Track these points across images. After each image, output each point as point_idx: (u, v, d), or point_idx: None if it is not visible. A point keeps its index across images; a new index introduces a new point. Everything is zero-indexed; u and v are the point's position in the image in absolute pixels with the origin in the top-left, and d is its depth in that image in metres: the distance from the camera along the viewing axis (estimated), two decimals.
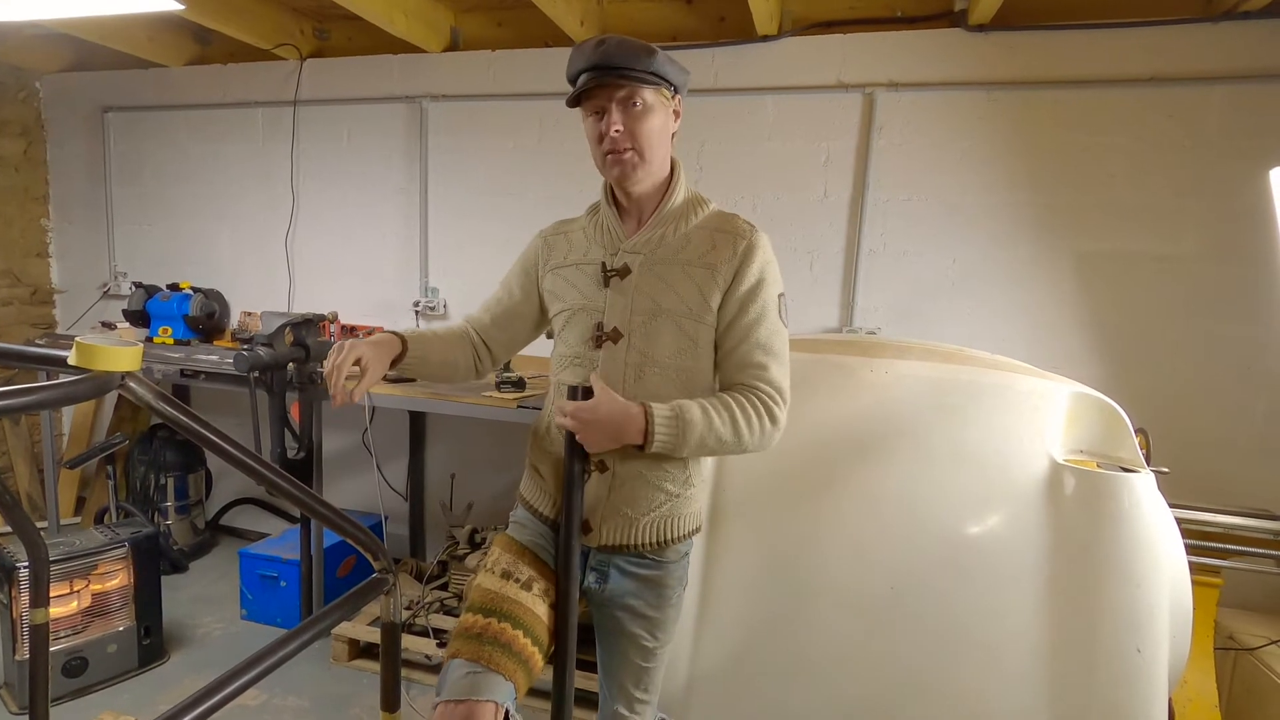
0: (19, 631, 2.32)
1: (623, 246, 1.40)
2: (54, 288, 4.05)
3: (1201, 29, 2.46)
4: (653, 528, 1.39)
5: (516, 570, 1.40)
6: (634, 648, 1.46)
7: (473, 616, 1.35)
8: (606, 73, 1.29)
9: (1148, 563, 1.58)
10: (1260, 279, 2.49)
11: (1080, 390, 1.77)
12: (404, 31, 3.00)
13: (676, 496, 1.40)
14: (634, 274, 1.37)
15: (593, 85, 1.31)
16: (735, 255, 1.35)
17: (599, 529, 1.39)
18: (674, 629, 1.50)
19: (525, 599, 1.36)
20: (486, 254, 3.31)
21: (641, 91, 1.31)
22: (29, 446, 3.85)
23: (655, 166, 1.37)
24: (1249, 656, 2.24)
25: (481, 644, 1.30)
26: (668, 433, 1.27)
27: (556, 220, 1.55)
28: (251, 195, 3.64)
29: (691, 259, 1.36)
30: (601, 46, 1.29)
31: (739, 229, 1.38)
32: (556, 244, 1.50)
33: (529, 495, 1.50)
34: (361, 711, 2.44)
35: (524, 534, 1.47)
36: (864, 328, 2.88)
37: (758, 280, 1.35)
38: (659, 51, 1.32)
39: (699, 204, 1.43)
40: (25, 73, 3.83)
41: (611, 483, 1.37)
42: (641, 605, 1.43)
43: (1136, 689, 1.55)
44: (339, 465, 3.42)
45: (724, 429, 1.29)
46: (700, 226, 1.40)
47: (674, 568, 1.44)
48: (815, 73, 2.83)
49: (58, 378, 0.75)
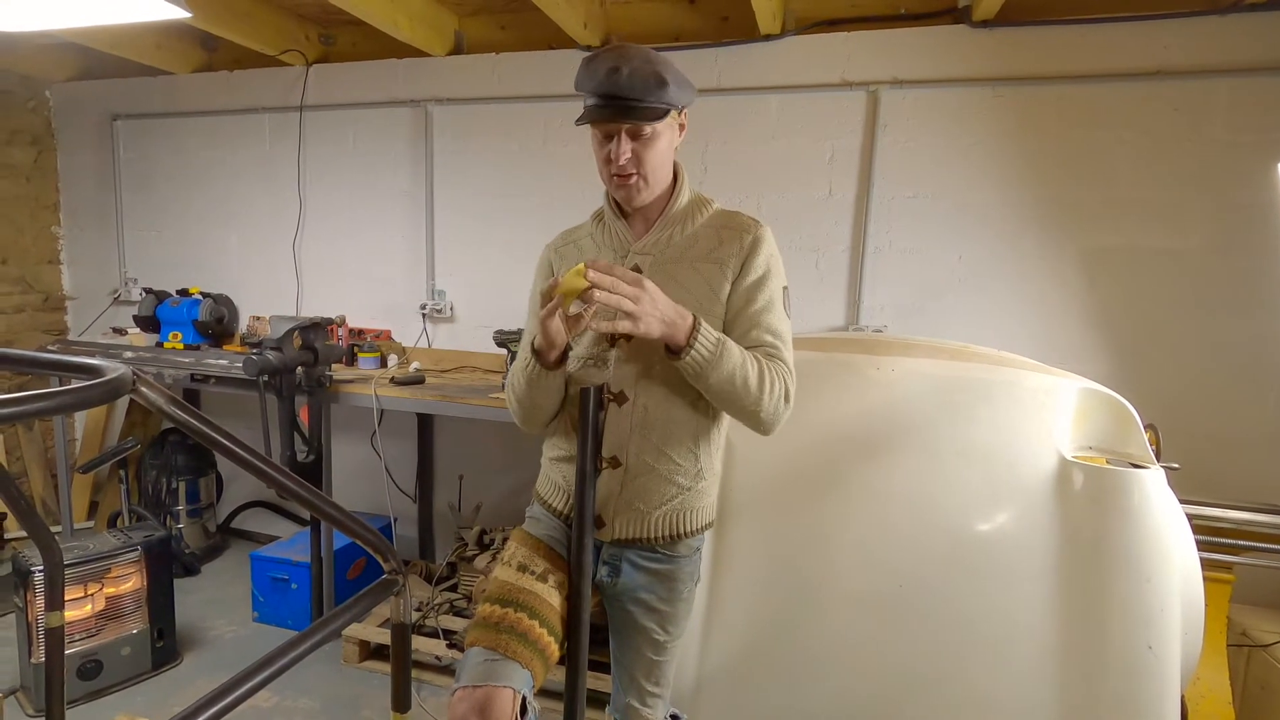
0: (34, 635, 2.34)
1: (632, 249, 1.43)
2: (65, 294, 4.08)
3: (1207, 22, 2.45)
4: (665, 521, 1.42)
5: (532, 563, 1.44)
6: (646, 641, 1.48)
7: (490, 607, 1.39)
8: (618, 105, 1.30)
9: (1158, 559, 1.57)
10: (1268, 272, 2.47)
11: (1088, 386, 1.77)
12: (408, 36, 3.01)
13: (688, 490, 1.42)
14: (644, 275, 1.38)
15: (604, 116, 1.32)
16: (742, 248, 1.38)
17: (612, 523, 1.42)
18: (685, 623, 1.52)
19: (541, 590, 1.40)
20: (492, 256, 3.32)
21: (651, 122, 1.33)
22: (42, 451, 3.89)
23: (659, 184, 1.41)
24: (1262, 653, 2.23)
25: (499, 633, 1.34)
26: (708, 348, 1.26)
27: (561, 231, 1.57)
28: (259, 200, 3.66)
29: (699, 255, 1.40)
30: (614, 76, 1.28)
31: (744, 224, 1.42)
32: (567, 254, 1.51)
33: (544, 491, 1.54)
34: (372, 712, 2.45)
35: (539, 528, 1.51)
36: (870, 326, 2.87)
37: (765, 271, 1.38)
38: (670, 80, 1.31)
39: (702, 204, 1.46)
40: (35, 82, 3.86)
41: (624, 478, 1.40)
42: (653, 599, 1.45)
43: (1148, 686, 1.55)
44: (348, 468, 3.44)
45: (752, 375, 1.30)
46: (706, 224, 1.44)
47: (685, 562, 1.46)
48: (819, 71, 2.83)
49: (70, 383, 0.76)
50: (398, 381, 2.89)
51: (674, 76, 1.33)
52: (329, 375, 2.85)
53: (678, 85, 1.33)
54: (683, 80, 1.36)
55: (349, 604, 1.15)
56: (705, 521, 1.48)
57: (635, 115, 1.31)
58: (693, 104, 1.41)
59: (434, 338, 3.46)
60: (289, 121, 3.53)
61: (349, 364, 3.26)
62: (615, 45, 1.35)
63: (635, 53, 1.32)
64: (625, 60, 1.29)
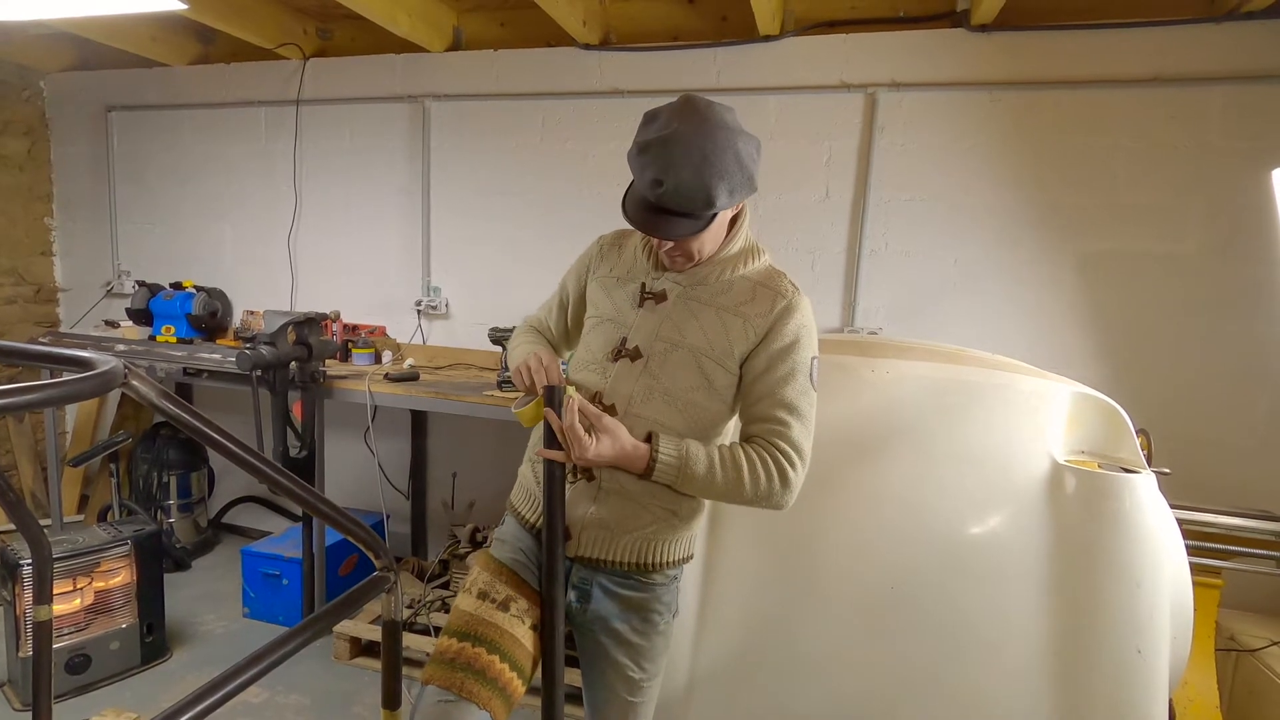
0: (22, 629, 2.33)
1: (667, 273, 1.39)
2: (58, 286, 4.06)
3: (1204, 29, 2.46)
4: (634, 547, 1.35)
5: (493, 590, 1.34)
6: (620, 679, 1.40)
7: (447, 640, 1.29)
8: (659, 220, 1.24)
9: (1148, 563, 1.58)
10: (1261, 279, 2.49)
11: (1081, 390, 1.77)
12: (406, 31, 3.00)
13: (661, 520, 1.35)
14: (669, 302, 1.37)
15: (644, 228, 1.28)
16: (772, 312, 1.33)
17: (578, 537, 1.35)
18: (662, 661, 1.44)
19: (502, 620, 1.30)
20: (488, 253, 3.31)
21: (695, 235, 1.27)
22: (32, 445, 3.87)
23: (710, 253, 1.36)
24: (1250, 658, 2.24)
25: (454, 670, 1.25)
26: (668, 475, 1.28)
27: (617, 230, 1.52)
28: (254, 194, 3.65)
29: (727, 305, 1.35)
30: (657, 190, 1.20)
31: (781, 288, 1.36)
32: (609, 254, 1.49)
33: (518, 501, 1.48)
34: (363, 709, 2.45)
35: (504, 551, 1.43)
36: (866, 328, 2.88)
37: (792, 341, 1.33)
38: (721, 193, 1.20)
39: (753, 254, 1.40)
40: (30, 72, 3.84)
41: (596, 493, 1.35)
42: (626, 630, 1.37)
43: (1137, 689, 1.55)
44: (341, 464, 3.43)
45: (732, 476, 1.28)
46: (745, 277, 1.38)
47: (661, 591, 1.39)
48: (817, 73, 2.83)
49: (61, 376, 0.76)
50: (392, 378, 2.88)
51: (728, 185, 1.21)
52: (323, 371, 2.84)
53: (730, 192, 1.22)
54: (740, 182, 1.23)
55: (340, 600, 1.15)
56: (679, 556, 1.40)
57: (677, 232, 1.25)
58: (754, 188, 1.29)
59: (429, 334, 3.45)
60: (285, 116, 3.51)
61: (343, 360, 3.24)
62: (674, 115, 1.21)
63: (689, 154, 1.18)
64: (673, 169, 1.19)
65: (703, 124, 1.21)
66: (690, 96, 1.26)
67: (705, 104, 1.24)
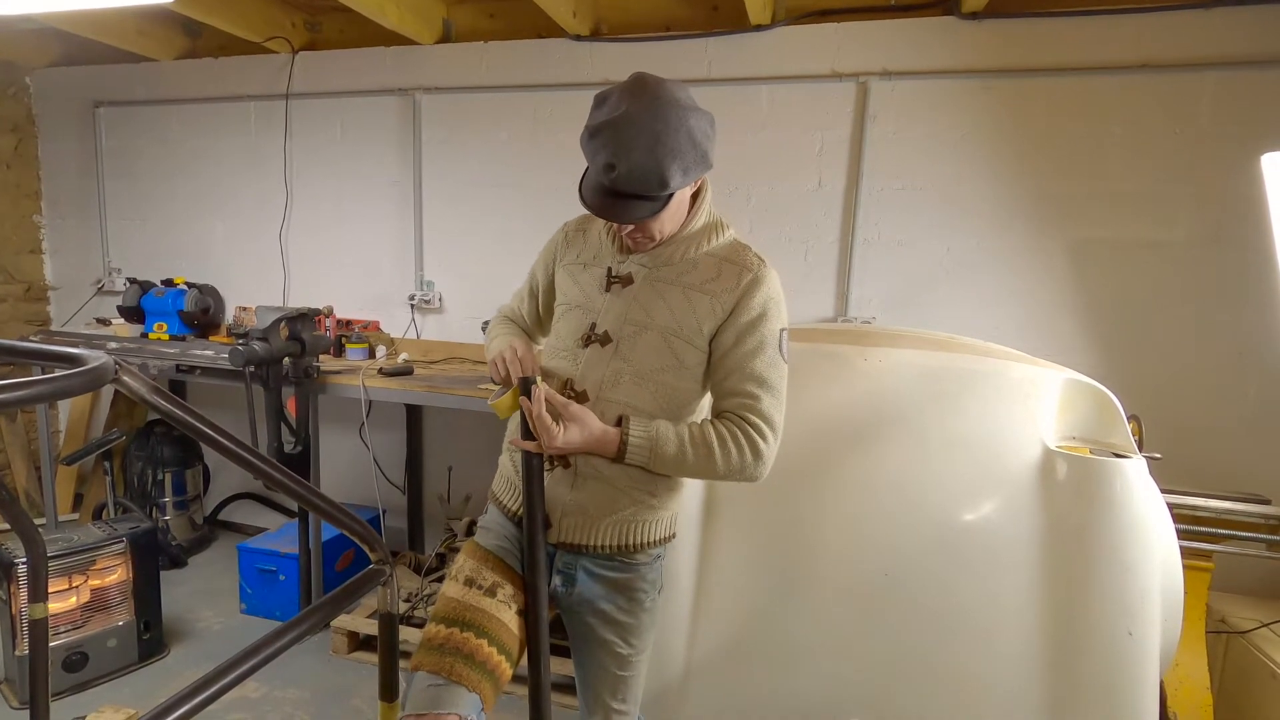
0: (19, 627, 2.32)
1: (632, 255, 1.39)
2: (48, 284, 4.03)
3: (1194, 15, 2.46)
4: (614, 530, 1.37)
5: (480, 576, 1.37)
6: (609, 656, 1.42)
7: (435, 627, 1.32)
8: (614, 204, 1.25)
9: (1139, 547, 1.60)
10: (1252, 265, 2.50)
11: (1073, 377, 1.79)
12: (396, 23, 2.98)
13: (640, 503, 1.37)
14: (636, 284, 1.37)
15: (600, 213, 1.29)
16: (738, 287, 1.33)
17: (559, 524, 1.37)
18: (650, 635, 1.46)
19: (489, 606, 1.33)
20: (481, 246, 3.30)
21: (652, 216, 1.27)
22: (26, 443, 3.85)
23: (672, 231, 1.36)
24: (1240, 639, 2.26)
25: (443, 655, 1.27)
26: (640, 456, 1.31)
27: (581, 216, 1.51)
28: (245, 189, 3.63)
29: (694, 283, 1.35)
30: (610, 174, 1.20)
31: (746, 262, 1.35)
32: (574, 241, 1.50)
33: (499, 490, 1.50)
34: (361, 702, 2.46)
35: (489, 538, 1.45)
36: (859, 317, 2.88)
37: (760, 314, 1.32)
38: (675, 174, 1.20)
39: (716, 229, 1.39)
40: (15, 68, 3.80)
41: (573, 480, 1.36)
42: (613, 610, 1.40)
43: (1128, 671, 1.57)
44: (336, 459, 3.42)
45: (702, 452, 1.30)
46: (710, 253, 1.37)
47: (645, 569, 1.41)
48: (809, 62, 2.82)
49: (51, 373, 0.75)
50: (386, 372, 2.88)
51: (681, 164, 1.20)
52: (316, 366, 2.83)
53: (684, 171, 1.22)
54: (694, 160, 1.22)
55: (335, 594, 1.15)
56: (660, 536, 1.42)
57: (634, 215, 1.26)
58: (711, 163, 1.29)
59: (422, 329, 3.44)
60: (275, 109, 3.49)
61: (336, 355, 3.24)
62: (624, 96, 1.21)
63: (640, 135, 1.18)
64: (624, 152, 1.18)
65: (653, 103, 1.20)
66: (640, 75, 1.25)
67: (655, 82, 1.23)
